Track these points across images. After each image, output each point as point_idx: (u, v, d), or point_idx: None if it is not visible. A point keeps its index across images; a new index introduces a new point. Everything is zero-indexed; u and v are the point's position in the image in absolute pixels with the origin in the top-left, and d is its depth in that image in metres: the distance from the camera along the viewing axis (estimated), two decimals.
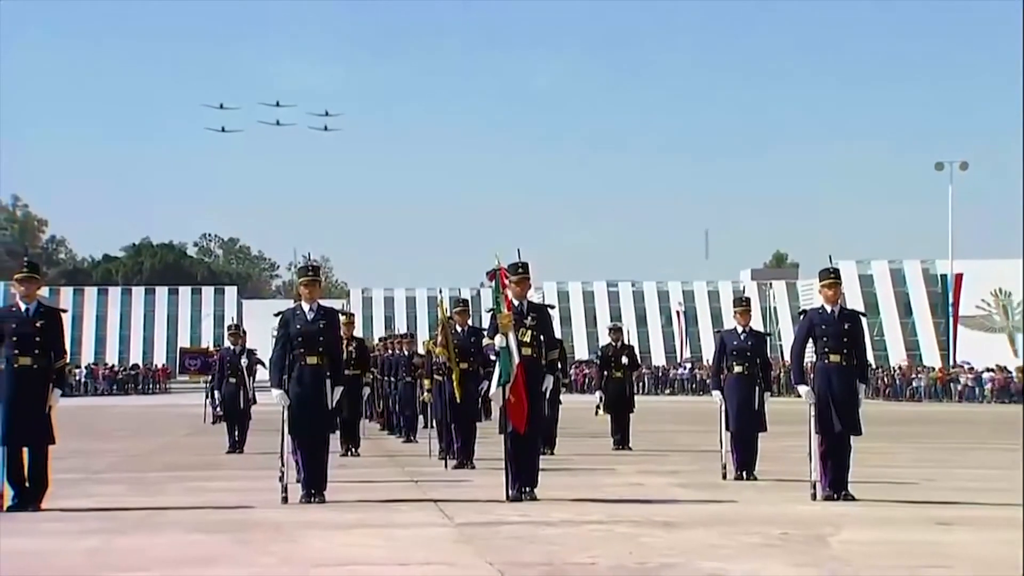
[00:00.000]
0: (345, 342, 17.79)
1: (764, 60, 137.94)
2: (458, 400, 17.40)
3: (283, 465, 13.18)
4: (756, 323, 17.83)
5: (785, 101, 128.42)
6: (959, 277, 69.09)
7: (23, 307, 12.69)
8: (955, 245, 67.82)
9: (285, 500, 12.86)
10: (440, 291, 28.14)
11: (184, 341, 76.48)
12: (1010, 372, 65.43)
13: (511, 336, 12.96)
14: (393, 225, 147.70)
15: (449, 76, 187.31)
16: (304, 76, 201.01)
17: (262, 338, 17.99)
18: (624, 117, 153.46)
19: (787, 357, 14.95)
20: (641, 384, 23.85)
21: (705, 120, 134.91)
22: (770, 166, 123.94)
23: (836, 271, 14.43)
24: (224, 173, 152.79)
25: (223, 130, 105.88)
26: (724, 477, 15.83)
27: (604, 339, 28.89)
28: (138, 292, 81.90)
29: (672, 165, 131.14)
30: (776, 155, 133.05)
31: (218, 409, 24.55)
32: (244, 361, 23.24)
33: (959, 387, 64.88)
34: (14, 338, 12.46)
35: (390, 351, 27.26)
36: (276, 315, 13.67)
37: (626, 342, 25.29)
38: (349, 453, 20.41)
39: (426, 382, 20.80)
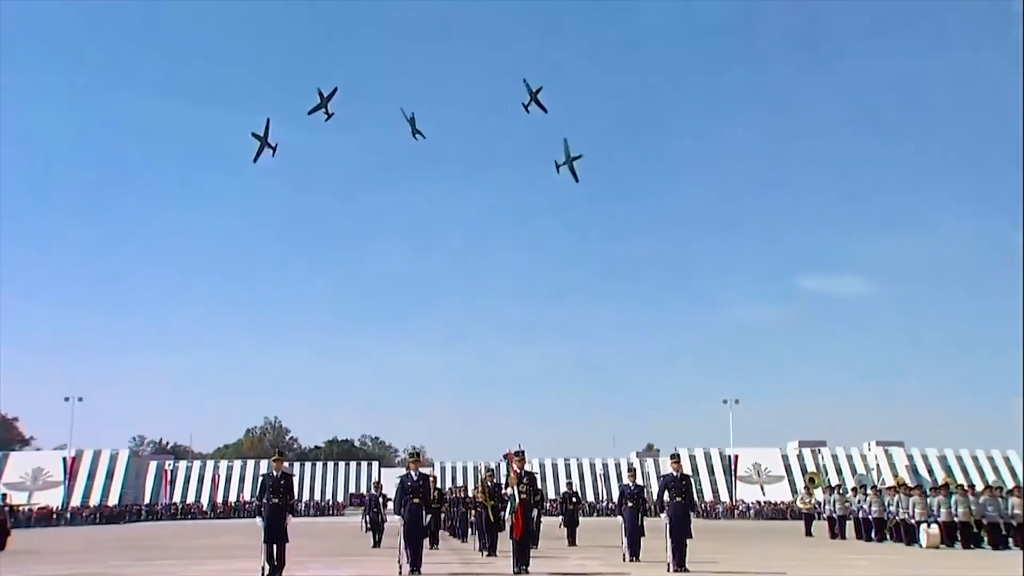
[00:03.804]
0: (433, 491, 17.32)
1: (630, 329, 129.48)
2: (491, 520, 16.89)
3: (400, 554, 12.74)
4: (639, 480, 17.40)
5: (645, 357, 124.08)
6: (736, 456, 68.48)
7: (275, 474, 12.59)
8: (733, 440, 67.10)
9: (400, 573, 12.36)
10: (480, 464, 27.74)
11: (352, 489, 74.66)
12: (761, 504, 64.07)
13: (515, 488, 12.75)
14: (457, 421, 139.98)
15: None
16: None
17: (390, 489, 17.59)
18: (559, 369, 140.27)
19: (655, 498, 14.55)
20: (581, 511, 23.15)
21: (620, 370, 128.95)
22: (645, 396, 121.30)
23: (678, 455, 14.58)
24: (365, 383, 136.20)
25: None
26: (624, 560, 15.19)
27: (563, 489, 28.15)
28: (331, 464, 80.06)
29: (595, 398, 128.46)
30: (647, 393, 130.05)
31: (367, 524, 23.87)
32: (380, 499, 23.06)
33: (738, 511, 63.30)
34: (270, 490, 12.36)
35: (454, 495, 26.57)
36: (398, 478, 13.45)
37: (574, 490, 24.81)
38: (433, 548, 19.62)
39: (472, 512, 20.37)
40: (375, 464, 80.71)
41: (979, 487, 24.34)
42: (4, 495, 29.90)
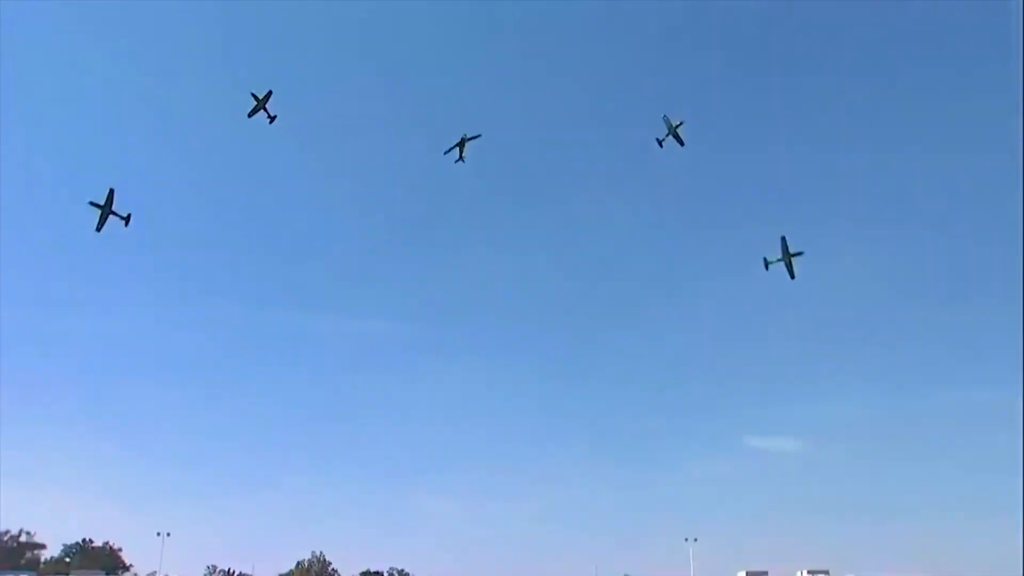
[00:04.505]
0: None
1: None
2: None
3: None
4: None
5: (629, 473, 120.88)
6: None
7: None
8: (693, 570, 69.44)
9: None
10: None
11: None
12: None
13: None
14: (468, 555, 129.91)
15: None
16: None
17: None
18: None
19: None
20: None
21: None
22: (620, 535, 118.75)
23: None
24: (394, 525, 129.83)
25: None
26: None
27: None
28: None
29: (580, 538, 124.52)
30: (622, 532, 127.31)
31: None
32: None
33: None
34: None
35: None
36: None
37: None
38: None
39: None
40: None
41: None
42: None
